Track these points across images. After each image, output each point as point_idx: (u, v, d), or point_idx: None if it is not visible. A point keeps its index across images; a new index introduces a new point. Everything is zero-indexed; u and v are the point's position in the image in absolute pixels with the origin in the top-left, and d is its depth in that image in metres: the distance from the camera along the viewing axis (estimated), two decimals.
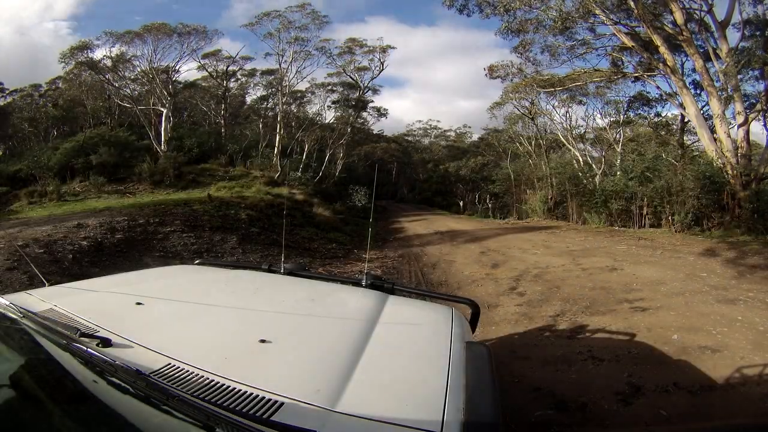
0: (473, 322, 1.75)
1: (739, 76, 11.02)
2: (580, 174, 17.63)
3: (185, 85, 23.19)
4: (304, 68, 21.09)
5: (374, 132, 36.53)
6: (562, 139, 20.30)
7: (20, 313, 1.05)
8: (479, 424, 0.78)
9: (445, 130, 44.52)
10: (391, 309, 1.39)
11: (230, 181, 15.27)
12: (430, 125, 43.93)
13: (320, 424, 0.73)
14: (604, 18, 12.28)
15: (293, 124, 22.73)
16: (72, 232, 6.43)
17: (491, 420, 0.80)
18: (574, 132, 19.89)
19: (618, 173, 15.94)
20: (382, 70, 23.03)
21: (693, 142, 16.48)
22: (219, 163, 18.01)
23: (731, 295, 4.84)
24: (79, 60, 18.35)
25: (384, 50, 22.62)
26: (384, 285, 1.74)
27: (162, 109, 18.10)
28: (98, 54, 18.47)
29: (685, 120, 14.47)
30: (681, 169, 11.59)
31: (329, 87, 23.82)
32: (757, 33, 11.42)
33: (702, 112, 11.77)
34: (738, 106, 10.73)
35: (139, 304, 1.25)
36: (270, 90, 22.19)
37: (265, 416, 0.73)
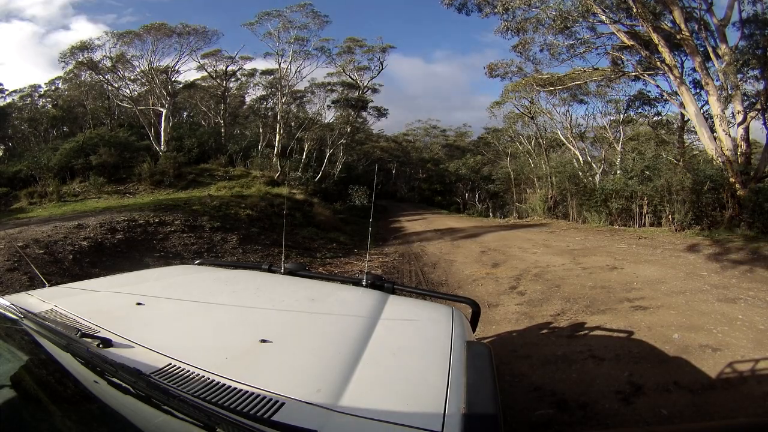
0: (474, 321, 1.75)
1: (738, 75, 11.01)
2: (580, 173, 17.63)
3: (185, 86, 23.19)
4: (304, 68, 21.13)
5: (374, 132, 36.59)
6: (562, 138, 20.31)
7: (21, 313, 1.05)
8: (479, 423, 0.78)
9: (444, 130, 44.56)
10: (392, 308, 1.39)
11: (230, 181, 15.27)
12: (430, 125, 43.97)
13: (321, 423, 0.73)
14: (604, 17, 12.27)
15: (293, 123, 22.72)
16: (72, 233, 6.43)
17: (492, 419, 0.80)
18: (574, 131, 19.89)
19: (618, 172, 15.94)
20: (382, 69, 23.06)
21: (693, 141, 16.50)
22: (219, 163, 18.01)
23: (732, 293, 4.84)
24: (79, 60, 18.33)
25: (384, 50, 22.65)
26: (384, 284, 1.74)
27: (161, 109, 18.10)
28: (98, 54, 18.48)
29: (685, 119, 14.46)
30: (681, 168, 11.59)
31: (329, 87, 23.83)
32: (757, 32, 11.41)
33: (702, 111, 11.77)
34: (737, 105, 10.72)
35: (139, 304, 1.25)
36: (270, 90, 22.19)
37: (266, 416, 0.73)
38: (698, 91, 12.68)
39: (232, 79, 23.78)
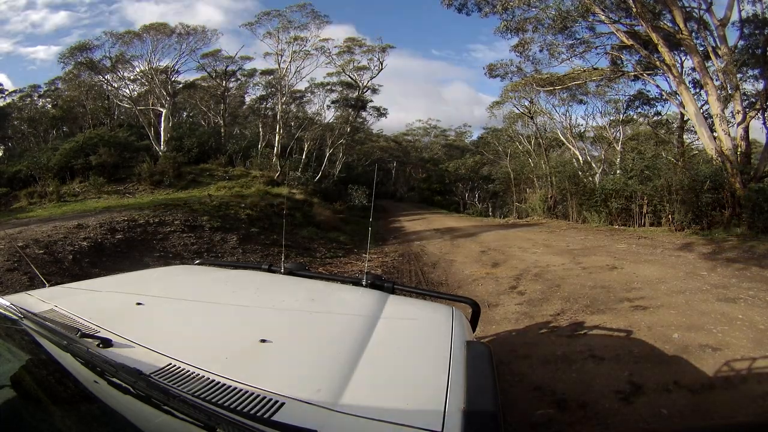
0: (474, 321, 1.75)
1: (738, 75, 11.02)
2: (580, 173, 17.64)
3: (184, 86, 23.19)
4: (304, 68, 21.14)
5: (374, 131, 36.56)
6: (562, 138, 20.31)
7: (21, 313, 1.05)
8: (479, 423, 0.78)
9: (444, 129, 44.57)
10: (392, 308, 1.39)
11: (230, 181, 15.28)
12: (430, 124, 43.97)
13: (321, 423, 0.72)
14: (603, 17, 12.28)
15: (292, 123, 22.72)
16: (72, 233, 6.43)
17: (492, 418, 0.80)
18: (573, 131, 19.90)
19: (618, 172, 15.96)
20: (381, 69, 23.03)
21: (692, 141, 16.51)
22: (218, 163, 18.01)
23: (731, 293, 4.84)
24: (79, 60, 18.31)
25: (383, 50, 22.64)
26: (384, 284, 1.74)
27: (161, 109, 18.10)
28: (97, 54, 18.48)
29: (685, 119, 14.47)
30: (681, 167, 11.60)
31: (328, 87, 23.82)
32: (756, 32, 11.42)
33: (701, 110, 11.78)
34: (737, 105, 10.73)
35: (139, 304, 1.25)
36: (269, 90, 22.18)
37: (266, 416, 0.73)
38: (698, 90, 12.70)
39: (232, 79, 23.79)
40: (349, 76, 23.61)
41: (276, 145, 20.10)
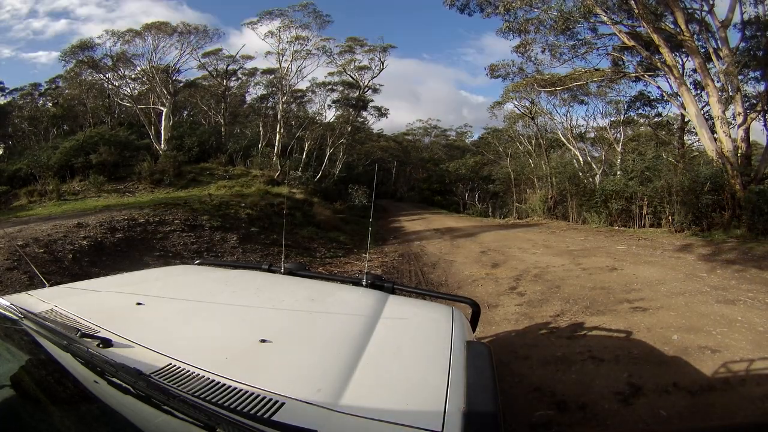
0: (474, 321, 1.75)
1: (739, 77, 11.02)
2: (581, 173, 17.63)
3: (185, 84, 23.19)
4: (305, 67, 21.13)
5: (374, 131, 36.57)
6: (563, 139, 20.30)
7: (21, 313, 1.05)
8: (479, 422, 0.78)
9: (445, 129, 44.61)
10: (392, 308, 1.39)
11: (230, 180, 15.27)
12: (431, 124, 43.99)
13: (321, 423, 0.73)
14: (605, 18, 12.28)
15: (293, 123, 22.71)
16: (72, 232, 6.43)
17: (492, 418, 0.80)
18: (574, 131, 19.89)
19: (618, 173, 15.96)
20: (383, 69, 23.03)
21: (693, 142, 16.50)
22: (219, 162, 18.00)
23: (731, 295, 4.84)
24: (80, 59, 18.31)
25: (384, 49, 22.64)
26: (384, 284, 1.74)
27: (162, 108, 18.10)
28: (98, 53, 18.48)
29: (686, 120, 14.48)
30: (681, 169, 11.61)
31: (329, 86, 23.82)
32: (758, 34, 11.41)
33: (702, 112, 11.77)
34: (738, 107, 10.73)
35: (139, 304, 1.25)
36: (270, 89, 22.17)
37: (266, 416, 0.73)
38: (699, 92, 12.70)
39: (233, 78, 23.81)
40: (351, 76, 23.63)
41: (276, 144, 20.09)
